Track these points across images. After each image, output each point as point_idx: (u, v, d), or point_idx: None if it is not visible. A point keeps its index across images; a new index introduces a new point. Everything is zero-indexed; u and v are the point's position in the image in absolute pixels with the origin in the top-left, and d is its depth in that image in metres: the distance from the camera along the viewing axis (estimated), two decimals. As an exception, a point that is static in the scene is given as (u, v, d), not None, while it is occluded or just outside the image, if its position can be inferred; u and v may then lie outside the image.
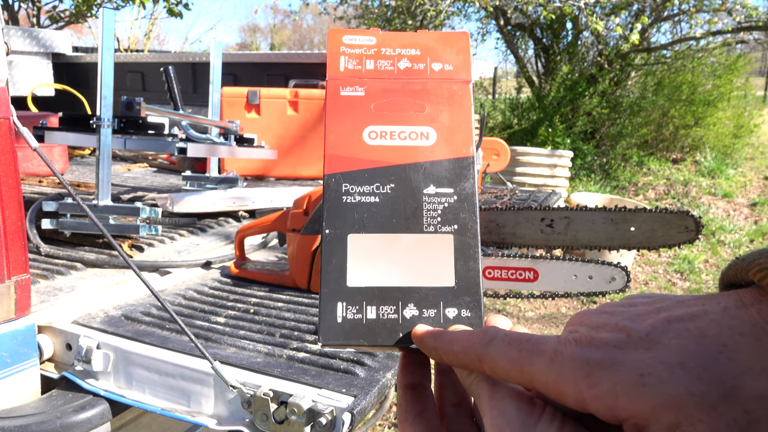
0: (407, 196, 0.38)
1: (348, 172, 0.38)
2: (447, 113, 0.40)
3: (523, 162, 5.71)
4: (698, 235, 1.15)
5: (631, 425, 0.25)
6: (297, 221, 1.29)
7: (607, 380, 0.25)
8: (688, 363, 0.24)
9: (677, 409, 0.23)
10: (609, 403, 0.25)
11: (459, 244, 0.37)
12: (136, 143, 1.77)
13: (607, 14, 7.27)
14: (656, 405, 0.24)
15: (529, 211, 1.23)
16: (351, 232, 0.37)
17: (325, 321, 0.36)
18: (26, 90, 3.35)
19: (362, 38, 0.43)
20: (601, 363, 0.26)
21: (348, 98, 0.41)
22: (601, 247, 1.19)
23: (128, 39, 11.70)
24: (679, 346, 0.25)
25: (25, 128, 0.97)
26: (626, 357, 0.26)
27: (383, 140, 0.39)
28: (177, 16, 7.29)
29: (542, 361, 0.28)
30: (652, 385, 0.24)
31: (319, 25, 29.88)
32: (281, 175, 2.66)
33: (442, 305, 0.36)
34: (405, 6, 7.89)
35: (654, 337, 0.26)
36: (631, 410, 0.24)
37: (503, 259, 1.15)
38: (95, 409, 0.96)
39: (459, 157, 0.39)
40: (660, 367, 0.24)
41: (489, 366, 0.30)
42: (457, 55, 0.43)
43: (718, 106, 7.44)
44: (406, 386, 0.37)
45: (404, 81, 0.42)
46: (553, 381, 0.27)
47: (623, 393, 0.25)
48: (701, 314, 0.26)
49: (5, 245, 0.96)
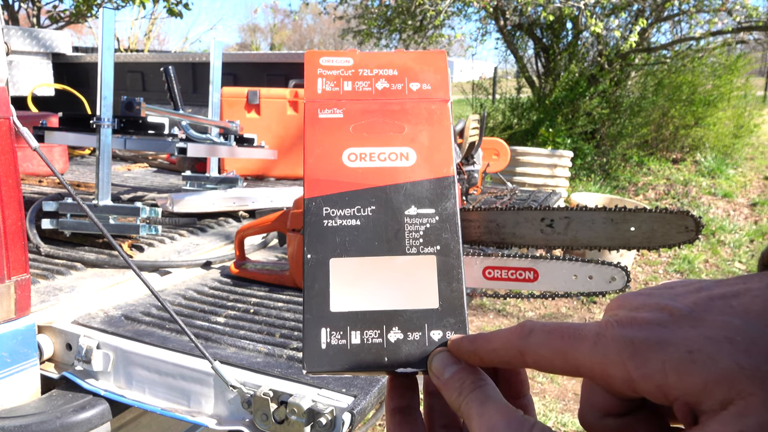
0: (389, 218, 0.38)
1: (328, 195, 0.38)
2: (426, 133, 0.40)
3: (523, 162, 5.71)
4: (698, 235, 1.15)
5: (681, 404, 0.25)
6: (297, 221, 1.29)
7: (655, 359, 0.25)
8: (735, 338, 0.24)
9: (729, 383, 0.23)
10: (659, 381, 0.25)
11: (442, 265, 0.37)
12: (136, 143, 1.77)
13: (607, 15, 7.27)
14: (708, 381, 0.24)
15: (529, 211, 1.23)
16: (333, 257, 0.37)
17: (309, 348, 0.35)
18: (26, 90, 3.35)
19: (339, 60, 0.43)
20: (646, 342, 0.26)
21: (326, 121, 0.40)
22: (601, 247, 1.19)
23: (128, 39, 11.71)
24: (725, 322, 0.25)
25: (25, 128, 0.97)
26: (672, 335, 0.25)
27: (363, 162, 0.39)
28: (177, 16, 7.29)
29: (586, 346, 0.27)
30: (702, 362, 0.24)
31: (319, 25, 29.87)
32: (281, 175, 2.65)
33: (427, 327, 0.36)
34: (405, 6, 7.89)
35: (697, 315, 0.26)
36: (683, 388, 0.24)
37: (503, 259, 1.15)
38: (95, 409, 0.96)
39: (439, 177, 0.39)
40: (708, 343, 0.24)
41: (532, 358, 0.29)
42: (434, 74, 0.42)
43: (718, 106, 7.44)
44: (394, 410, 0.36)
45: (382, 102, 0.41)
46: (599, 364, 0.27)
47: (673, 371, 0.24)
48: (744, 291, 0.26)
49: (5, 245, 0.96)
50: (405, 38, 8.87)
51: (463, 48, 9.48)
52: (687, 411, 0.25)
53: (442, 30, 8.73)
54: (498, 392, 0.31)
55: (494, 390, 0.31)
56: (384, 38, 9.00)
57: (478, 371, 0.32)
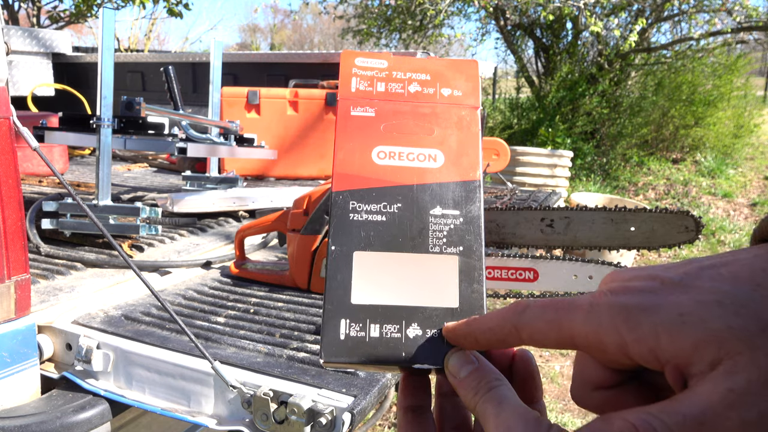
0: (414, 216, 0.38)
1: (356, 190, 0.39)
2: (455, 137, 0.41)
3: (523, 162, 5.71)
4: (698, 235, 1.15)
5: (672, 367, 0.25)
6: (297, 221, 1.29)
7: (647, 322, 0.26)
8: (724, 301, 0.25)
9: (718, 344, 0.24)
10: (651, 344, 0.26)
11: (464, 266, 0.37)
12: (136, 143, 1.77)
13: (606, 14, 7.27)
14: (698, 341, 0.24)
15: (529, 211, 1.23)
16: (357, 250, 0.37)
17: (327, 337, 0.35)
18: (26, 90, 3.35)
19: (374, 61, 0.44)
20: (639, 306, 0.27)
21: (358, 118, 0.41)
22: (601, 247, 1.19)
23: (128, 39, 11.70)
24: (714, 287, 0.26)
25: (25, 128, 0.97)
26: (664, 300, 0.26)
27: (392, 160, 0.40)
28: (177, 16, 7.29)
29: (580, 315, 0.28)
30: (692, 323, 0.25)
31: (319, 25, 29.88)
32: (281, 175, 2.66)
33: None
34: (405, 6, 7.89)
35: (687, 282, 0.27)
36: (674, 349, 0.25)
37: (503, 259, 1.15)
38: (95, 409, 0.96)
39: (466, 180, 0.40)
40: (698, 307, 0.25)
41: (527, 333, 0.30)
42: (466, 82, 0.43)
43: (718, 106, 7.45)
44: (406, 408, 0.37)
45: (414, 104, 0.42)
46: (593, 332, 0.27)
47: (665, 333, 0.25)
48: (732, 261, 0.27)
49: (5, 245, 0.96)
50: (405, 38, 8.87)
51: (463, 48, 9.48)
52: (678, 375, 0.25)
53: (442, 29, 8.73)
54: (514, 393, 0.31)
55: (510, 391, 0.31)
56: (384, 38, 9.00)
57: (495, 371, 0.33)
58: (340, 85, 0.43)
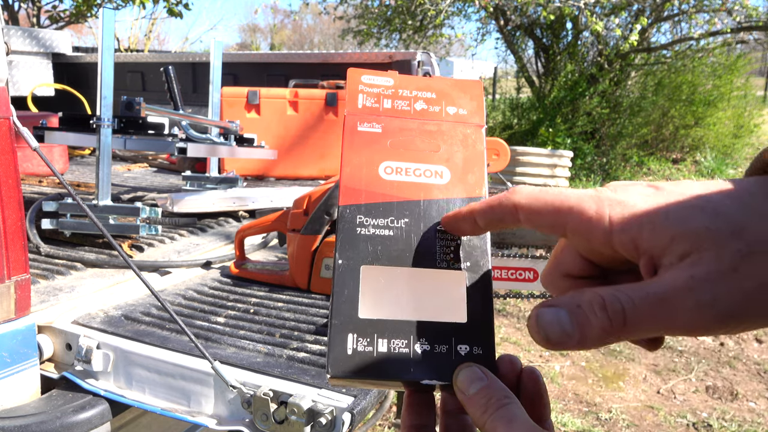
0: (421, 232, 0.38)
1: (363, 204, 0.39)
2: (461, 154, 0.42)
3: (524, 162, 5.71)
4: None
5: (647, 258, 0.29)
6: (297, 221, 1.29)
7: (636, 216, 0.29)
8: (706, 207, 0.28)
9: (692, 240, 0.28)
10: (634, 234, 0.29)
11: (471, 281, 0.37)
12: (136, 143, 1.77)
13: (606, 14, 7.27)
14: (675, 236, 0.28)
15: (529, 211, 1.23)
16: (364, 264, 0.37)
17: (334, 352, 0.35)
18: (26, 90, 3.35)
19: (380, 79, 0.44)
20: (631, 202, 0.30)
21: (365, 133, 0.42)
22: (601, 247, 1.19)
23: (128, 39, 11.70)
24: (699, 196, 0.29)
25: (25, 128, 0.97)
26: (654, 201, 0.30)
27: (398, 176, 0.40)
28: (177, 16, 7.29)
29: (577, 200, 0.31)
30: (674, 221, 0.28)
31: (319, 25, 29.88)
32: (281, 175, 2.66)
33: (454, 341, 0.36)
34: (405, 6, 7.89)
35: (679, 191, 0.30)
36: (652, 240, 0.29)
37: (503, 259, 1.15)
38: (95, 409, 0.96)
39: (473, 197, 0.40)
40: (683, 209, 0.29)
41: (524, 212, 0.33)
42: (470, 101, 0.44)
43: (718, 106, 7.45)
44: (410, 427, 0.36)
45: (420, 121, 0.43)
46: (586, 218, 0.30)
47: (648, 226, 0.29)
48: (721, 183, 0.30)
49: (5, 245, 0.96)
50: (405, 38, 8.87)
51: (463, 48, 9.48)
52: (650, 265, 0.29)
53: (442, 30, 8.73)
54: (524, 411, 0.31)
55: (520, 409, 0.31)
56: (384, 38, 9.00)
57: (504, 388, 0.32)
58: (348, 101, 0.43)
